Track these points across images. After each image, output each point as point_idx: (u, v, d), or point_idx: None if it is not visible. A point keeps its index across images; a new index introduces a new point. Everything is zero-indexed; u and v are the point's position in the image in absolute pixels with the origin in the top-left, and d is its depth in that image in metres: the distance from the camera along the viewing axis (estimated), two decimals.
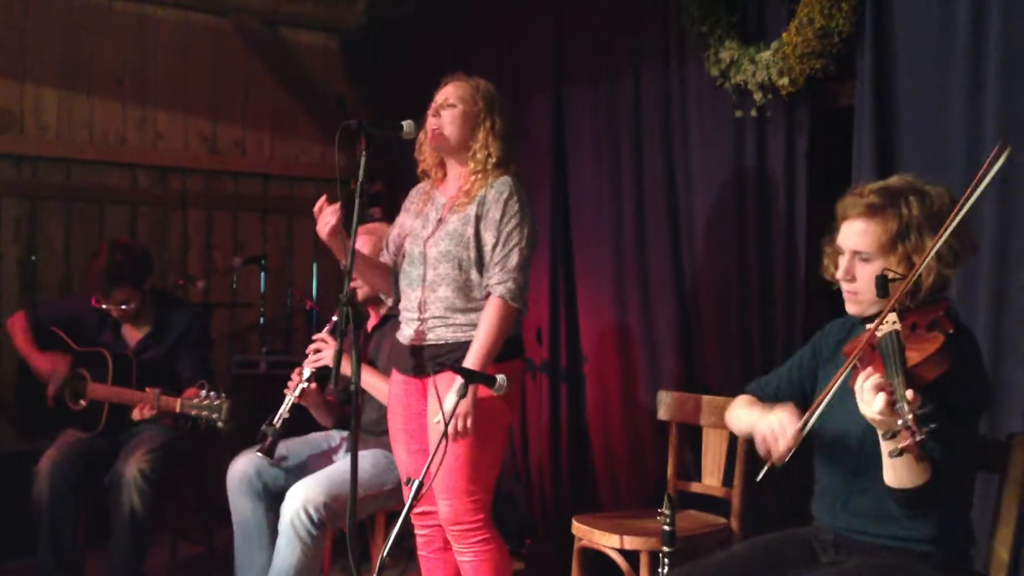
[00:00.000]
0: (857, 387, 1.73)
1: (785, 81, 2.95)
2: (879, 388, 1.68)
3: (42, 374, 3.57)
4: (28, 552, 3.44)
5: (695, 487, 3.04)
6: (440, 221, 2.76)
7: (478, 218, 2.68)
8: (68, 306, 3.79)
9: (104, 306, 3.59)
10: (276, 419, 3.07)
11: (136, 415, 3.37)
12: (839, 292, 2.10)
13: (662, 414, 3.12)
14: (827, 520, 2.08)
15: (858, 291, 2.02)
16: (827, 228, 2.16)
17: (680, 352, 3.47)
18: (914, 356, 1.75)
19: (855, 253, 2.01)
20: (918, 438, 1.58)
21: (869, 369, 1.74)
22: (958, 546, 1.98)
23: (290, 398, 3.12)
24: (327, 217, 2.71)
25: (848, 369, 1.87)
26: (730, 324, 3.29)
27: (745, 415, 2.14)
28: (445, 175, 2.86)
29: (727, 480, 2.93)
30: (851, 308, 2.06)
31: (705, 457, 3.01)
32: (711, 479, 2.98)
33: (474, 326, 2.68)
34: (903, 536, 1.94)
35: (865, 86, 2.77)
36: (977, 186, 1.82)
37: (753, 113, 3.11)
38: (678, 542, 2.38)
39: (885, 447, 1.73)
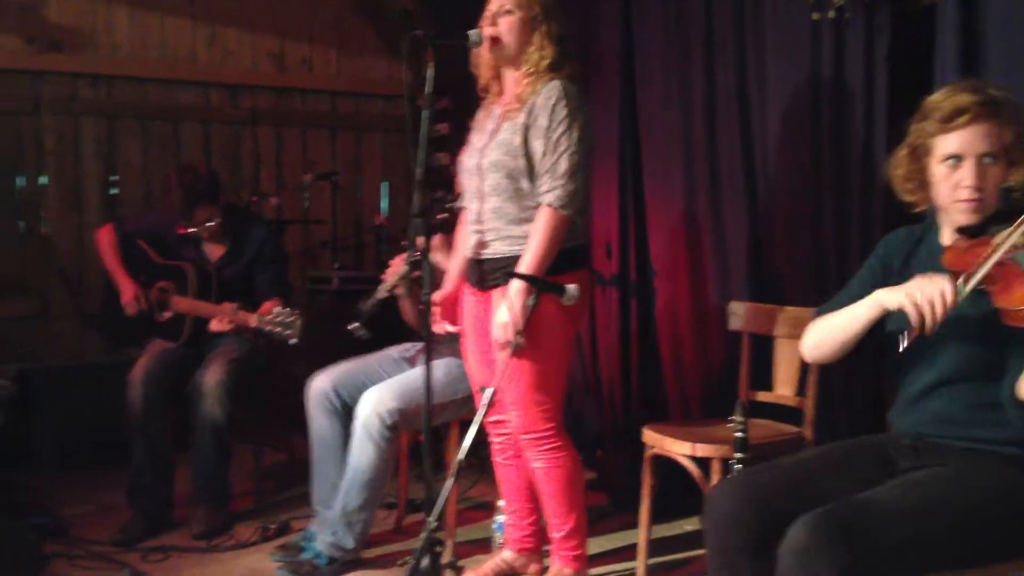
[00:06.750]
0: None
1: None
2: None
3: (122, 297, 3.68)
4: (119, 459, 3.61)
5: (766, 397, 3.03)
6: (495, 131, 2.76)
7: (526, 127, 2.65)
8: (153, 220, 3.89)
9: (192, 230, 3.67)
10: (372, 300, 3.17)
11: (214, 326, 3.47)
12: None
13: (734, 324, 3.11)
14: (907, 425, 2.05)
15: (984, 197, 1.89)
16: (905, 139, 2.05)
17: (751, 264, 3.44)
18: None
19: (982, 156, 1.89)
20: None
21: None
22: None
23: (390, 282, 3.20)
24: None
25: (972, 281, 1.78)
26: (803, 237, 3.23)
27: (852, 310, 1.98)
28: (503, 89, 2.84)
29: (800, 391, 2.92)
30: (971, 218, 1.91)
31: (777, 367, 2.99)
32: (784, 389, 2.97)
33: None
34: (987, 438, 1.91)
35: None
36: None
37: (831, 15, 3.01)
38: (750, 449, 2.40)
39: None
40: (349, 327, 3.11)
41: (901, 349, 1.85)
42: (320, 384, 3.24)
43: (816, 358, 2.17)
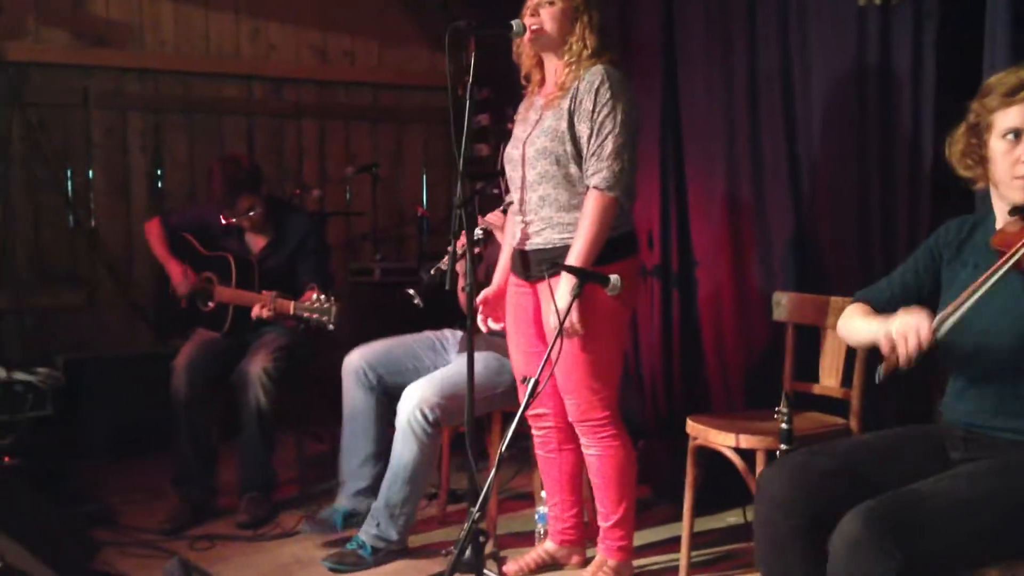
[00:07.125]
0: None
1: None
2: None
3: (172, 279, 3.75)
4: (166, 448, 3.67)
5: (812, 388, 3.00)
6: (538, 120, 2.75)
7: (571, 111, 2.65)
8: (197, 213, 3.95)
9: (234, 220, 3.72)
10: (435, 268, 3.19)
11: (255, 312, 3.50)
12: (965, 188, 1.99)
13: (778, 315, 3.08)
14: (959, 416, 2.02)
15: None
16: (965, 118, 2.02)
17: (795, 254, 3.40)
18: None
19: None
20: None
21: None
22: None
23: (453, 252, 3.22)
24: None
25: (1006, 265, 1.77)
26: (848, 225, 3.19)
27: (863, 324, 2.04)
28: (544, 78, 2.83)
29: (846, 381, 2.88)
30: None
31: (823, 358, 2.95)
32: (829, 380, 2.93)
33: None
34: None
35: None
36: None
37: (878, 1, 2.96)
38: (796, 441, 2.37)
39: None
40: (408, 290, 3.14)
41: (877, 381, 1.87)
42: (355, 360, 3.30)
43: (844, 341, 2.22)
